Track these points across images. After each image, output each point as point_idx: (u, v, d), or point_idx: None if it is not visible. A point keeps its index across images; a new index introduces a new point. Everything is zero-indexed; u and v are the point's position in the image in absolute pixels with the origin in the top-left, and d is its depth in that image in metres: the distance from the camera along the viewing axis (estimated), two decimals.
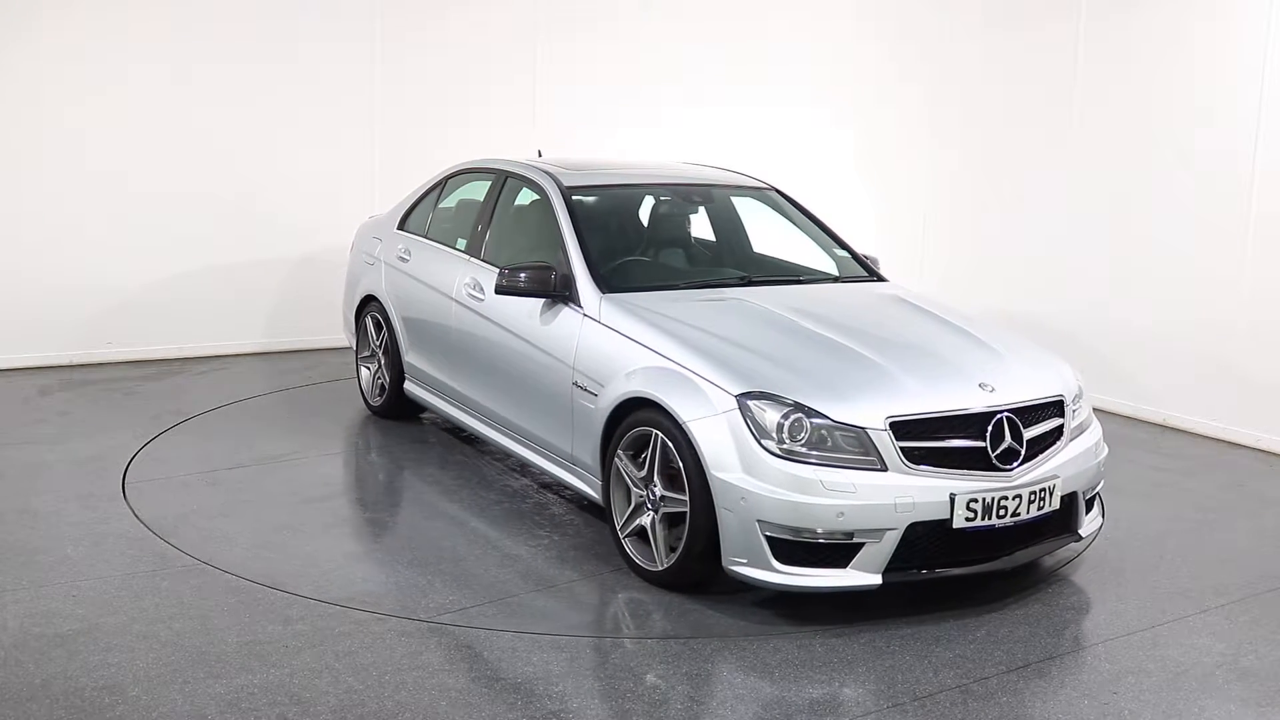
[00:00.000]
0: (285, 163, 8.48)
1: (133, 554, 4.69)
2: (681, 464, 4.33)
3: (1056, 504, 4.43)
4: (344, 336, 7.63)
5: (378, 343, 6.86)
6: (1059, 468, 4.48)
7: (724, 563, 4.26)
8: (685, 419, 4.33)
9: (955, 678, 3.89)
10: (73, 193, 7.77)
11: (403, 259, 6.67)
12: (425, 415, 6.75)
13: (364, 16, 8.64)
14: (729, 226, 6.28)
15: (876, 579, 4.16)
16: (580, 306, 5.12)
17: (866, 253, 6.17)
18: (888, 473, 4.15)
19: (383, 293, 6.78)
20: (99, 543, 4.79)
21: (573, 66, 9.46)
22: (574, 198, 5.67)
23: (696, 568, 4.36)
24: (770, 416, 4.19)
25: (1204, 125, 7.11)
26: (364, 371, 7.04)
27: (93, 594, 4.29)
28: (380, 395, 6.88)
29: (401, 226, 6.91)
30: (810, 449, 4.15)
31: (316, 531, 5.08)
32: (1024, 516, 4.32)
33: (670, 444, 4.39)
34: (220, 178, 8.25)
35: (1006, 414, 4.37)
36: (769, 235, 6.27)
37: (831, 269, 5.96)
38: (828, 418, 4.18)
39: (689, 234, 6.18)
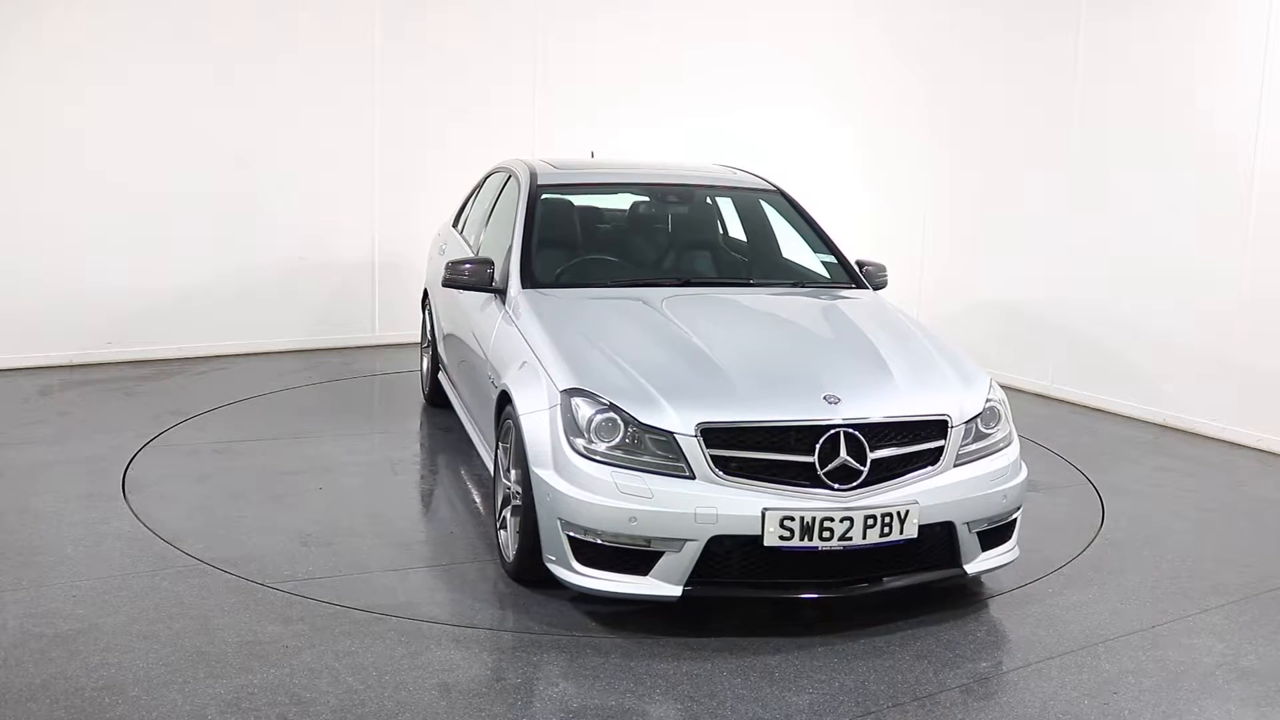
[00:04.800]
0: (285, 163, 8.48)
1: (133, 554, 4.69)
2: (521, 457, 4.34)
3: (911, 532, 4.06)
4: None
5: (430, 334, 7.08)
6: (923, 493, 4.11)
7: (543, 559, 4.23)
8: (520, 412, 4.35)
9: (955, 678, 3.89)
10: (73, 193, 7.77)
11: (442, 254, 6.95)
12: None
13: (364, 16, 8.64)
14: (713, 227, 6.26)
15: (676, 591, 4.00)
16: (504, 301, 5.21)
17: (871, 259, 5.90)
18: (694, 481, 3.98)
19: (431, 286, 7.08)
20: (99, 543, 4.79)
21: (573, 66, 9.46)
22: (543, 196, 5.76)
23: (533, 563, 4.30)
24: (584, 414, 4.12)
25: (1204, 124, 7.11)
26: (425, 361, 7.27)
27: (93, 594, 4.29)
28: (428, 384, 7.14)
29: (454, 224, 7.20)
30: (624, 451, 4.03)
31: (263, 501, 5.39)
32: (858, 542, 3.99)
33: (517, 437, 4.40)
34: (220, 178, 8.25)
35: (846, 429, 4.06)
36: (775, 237, 6.24)
37: (821, 273, 5.86)
38: (637, 420, 4.06)
39: (667, 234, 6.15)
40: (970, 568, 4.32)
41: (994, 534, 4.40)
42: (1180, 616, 4.47)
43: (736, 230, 6.33)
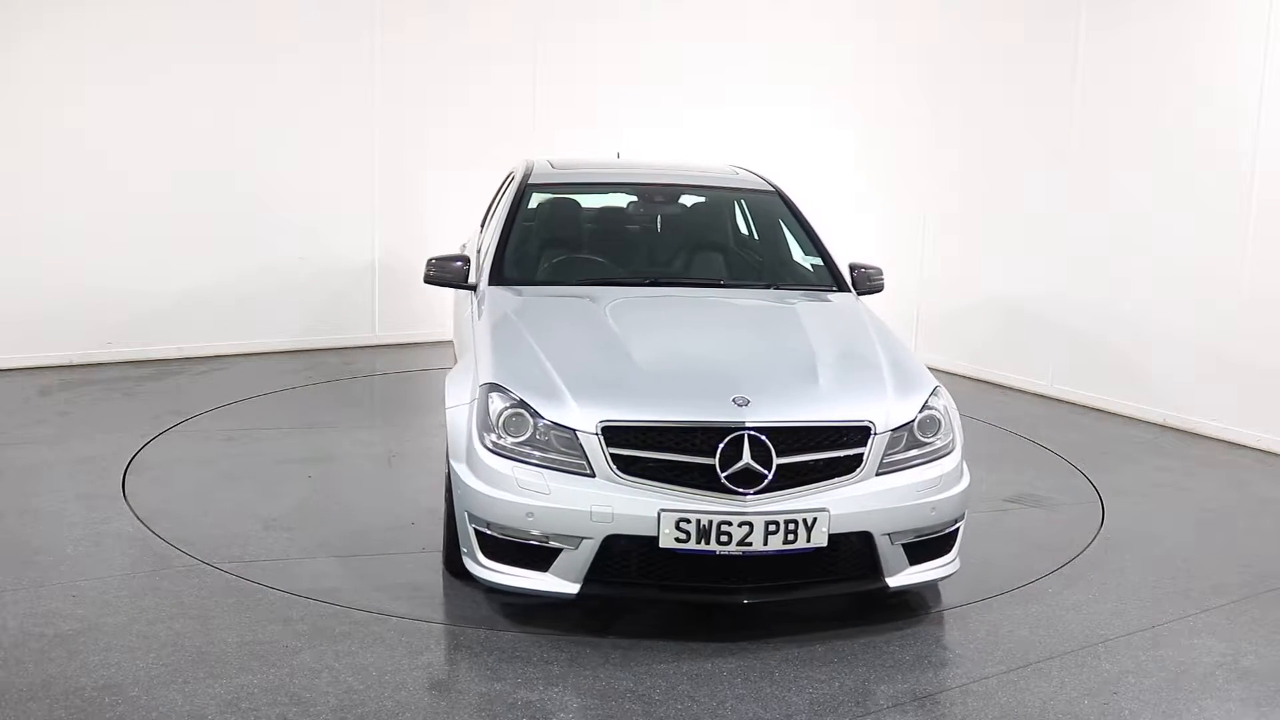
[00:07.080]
0: (285, 162, 8.49)
1: (133, 554, 4.69)
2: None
3: (820, 541, 3.94)
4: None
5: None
6: (835, 501, 3.98)
7: (460, 551, 4.26)
8: (447, 405, 4.43)
9: (955, 677, 3.89)
10: (73, 193, 7.77)
11: (462, 250, 7.01)
12: None
13: (364, 16, 8.64)
14: (700, 228, 6.19)
15: (574, 588, 3.98)
16: (475, 297, 5.27)
17: (868, 261, 5.72)
18: (594, 479, 3.95)
19: None
20: (99, 543, 4.79)
21: (573, 66, 9.47)
22: (532, 195, 5.79)
23: (458, 555, 4.31)
24: (495, 408, 4.14)
25: (1204, 123, 7.11)
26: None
27: (93, 594, 4.29)
28: None
29: (481, 223, 7.22)
30: (533, 448, 4.03)
31: (251, 488, 5.56)
32: (759, 548, 3.90)
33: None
34: (220, 177, 8.25)
35: (751, 432, 3.95)
36: (765, 238, 6.21)
37: (808, 275, 5.73)
38: (542, 416, 4.06)
39: (653, 234, 6.12)
40: (894, 581, 4.14)
41: (927, 546, 4.21)
42: (1180, 616, 4.47)
43: (726, 231, 6.25)
